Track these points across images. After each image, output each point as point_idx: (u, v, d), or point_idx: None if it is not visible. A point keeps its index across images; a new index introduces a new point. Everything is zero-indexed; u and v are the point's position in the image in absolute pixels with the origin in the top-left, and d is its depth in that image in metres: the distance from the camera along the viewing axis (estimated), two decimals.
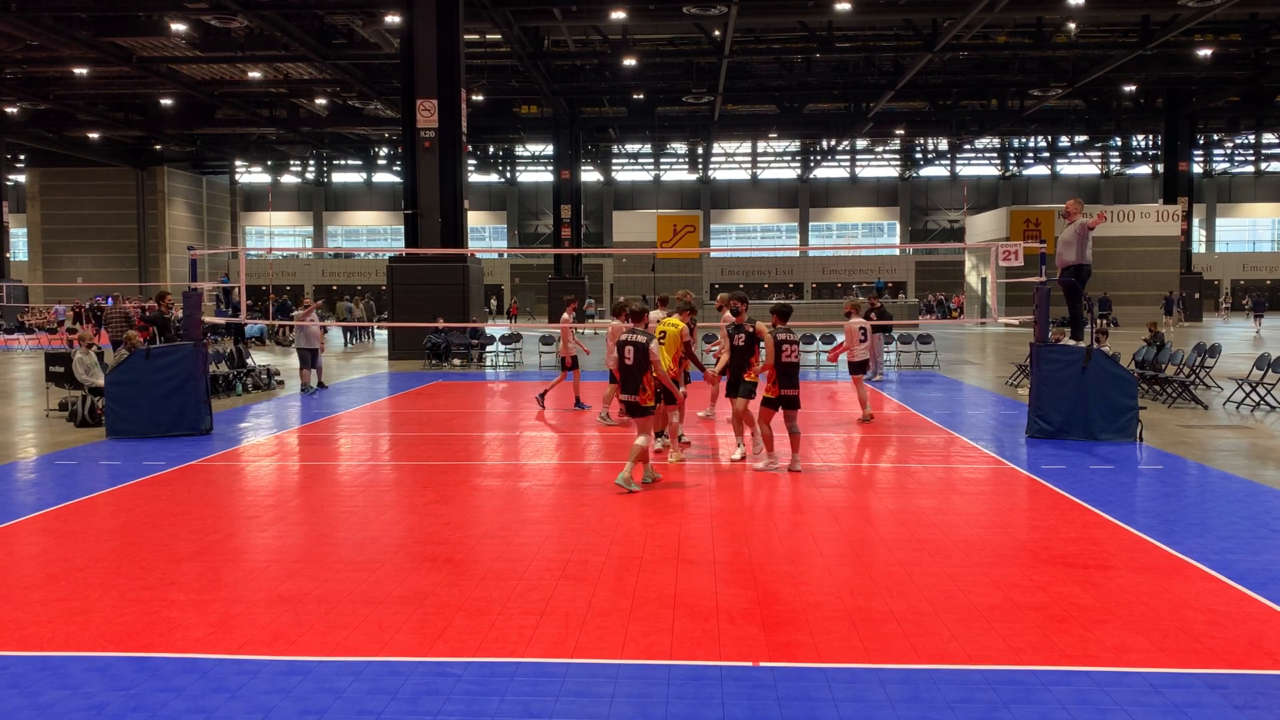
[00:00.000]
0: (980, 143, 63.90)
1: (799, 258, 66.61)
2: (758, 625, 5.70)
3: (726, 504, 8.94)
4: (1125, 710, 4.60)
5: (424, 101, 25.76)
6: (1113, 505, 8.69)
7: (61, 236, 59.87)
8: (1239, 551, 7.17)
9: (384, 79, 39.10)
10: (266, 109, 46.35)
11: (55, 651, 5.35)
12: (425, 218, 26.19)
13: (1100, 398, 12.16)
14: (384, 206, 74.10)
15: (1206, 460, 10.95)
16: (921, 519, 8.29)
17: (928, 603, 6.09)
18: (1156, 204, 50.66)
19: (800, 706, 4.65)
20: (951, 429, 13.50)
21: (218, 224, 67.13)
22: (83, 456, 11.50)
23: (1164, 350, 17.49)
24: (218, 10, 29.54)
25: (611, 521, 8.22)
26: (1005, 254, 13.31)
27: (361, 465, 11.08)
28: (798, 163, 71.26)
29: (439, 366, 24.22)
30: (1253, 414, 14.80)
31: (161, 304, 19.38)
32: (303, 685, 4.90)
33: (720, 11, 29.21)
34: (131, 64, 35.44)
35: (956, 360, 25.67)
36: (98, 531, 7.97)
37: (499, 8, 29.65)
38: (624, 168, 72.48)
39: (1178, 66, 39.24)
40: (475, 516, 8.51)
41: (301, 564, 7.01)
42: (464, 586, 6.45)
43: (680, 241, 44.96)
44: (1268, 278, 66.70)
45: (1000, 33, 36.52)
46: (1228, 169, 70.72)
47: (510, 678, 4.99)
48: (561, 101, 43.38)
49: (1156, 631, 5.59)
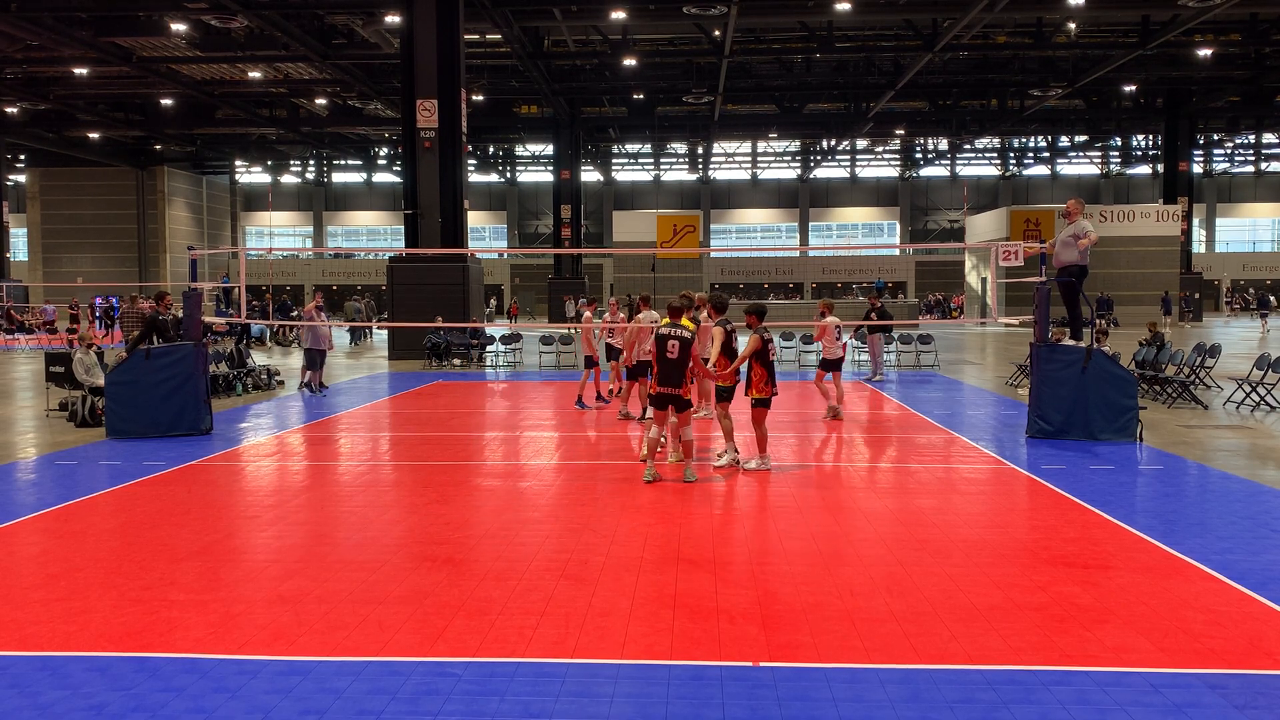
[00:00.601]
0: (980, 143, 63.90)
1: (799, 258, 66.63)
2: (758, 625, 5.70)
3: (726, 504, 8.94)
4: (1125, 710, 4.60)
5: (424, 101, 25.75)
6: (1113, 505, 8.69)
7: (61, 236, 59.87)
8: (1239, 551, 7.17)
9: (384, 79, 39.09)
10: (266, 109, 46.35)
11: (55, 651, 5.35)
12: (425, 218, 26.19)
13: (1100, 398, 12.16)
14: (384, 206, 74.10)
15: (1206, 460, 10.95)
16: (921, 519, 8.29)
17: (928, 603, 6.09)
18: (1156, 204, 50.65)
19: (800, 706, 4.65)
20: (951, 429, 13.50)
21: (218, 224, 67.13)
22: (83, 456, 11.50)
23: (1164, 350, 17.49)
24: (218, 10, 29.54)
25: (612, 521, 8.22)
26: (1005, 254, 13.31)
27: (362, 465, 11.07)
28: (798, 163, 71.26)
29: (440, 367, 24.22)
30: (1253, 414, 14.80)
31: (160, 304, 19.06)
32: (303, 685, 4.90)
33: (720, 11, 29.21)
34: (131, 64, 35.44)
35: (956, 360, 25.67)
36: (98, 531, 7.97)
37: (499, 8, 29.64)
38: (624, 168, 72.47)
39: (1178, 66, 39.24)
40: (475, 516, 8.51)
41: (301, 564, 7.01)
42: (464, 586, 6.45)
43: (680, 241, 44.96)
44: (1268, 278, 66.70)
45: (1000, 33, 36.51)
46: (1228, 169, 70.72)
47: (510, 678, 4.99)
48: (561, 101, 43.38)
49: (1156, 631, 5.59)
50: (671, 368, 9.84)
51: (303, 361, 18.76)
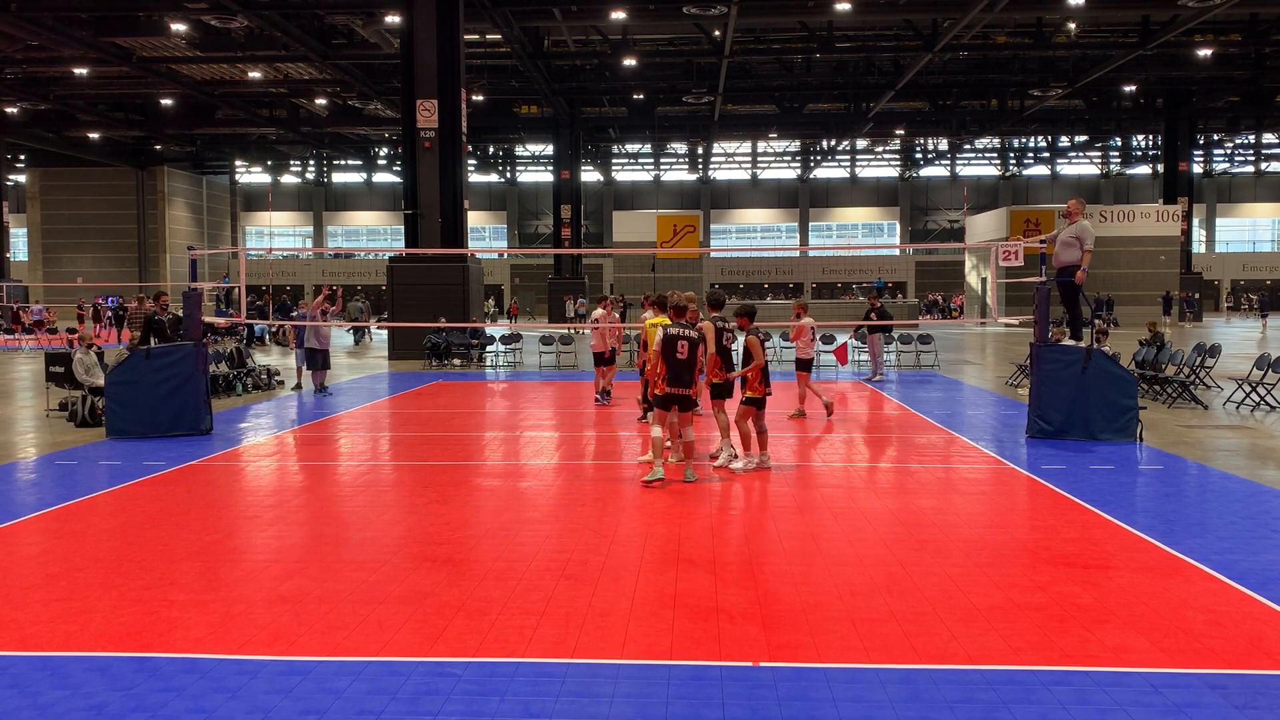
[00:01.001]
0: (980, 143, 63.91)
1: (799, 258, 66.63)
2: (758, 625, 5.70)
3: (726, 504, 8.94)
4: (1125, 710, 4.60)
5: (424, 101, 25.75)
6: (1113, 505, 8.69)
7: (61, 236, 59.87)
8: (1239, 551, 7.17)
9: (384, 79, 39.09)
10: (266, 109, 46.35)
11: (55, 651, 5.34)
12: (425, 218, 26.19)
13: (1100, 398, 12.16)
14: (384, 206, 74.10)
15: (1206, 460, 10.95)
16: (921, 519, 8.29)
17: (928, 603, 6.09)
18: (1156, 204, 50.67)
19: (800, 706, 4.65)
20: (951, 429, 13.50)
21: (218, 224, 67.14)
22: (83, 456, 11.50)
23: (1164, 350, 17.49)
24: (218, 10, 29.54)
25: (612, 522, 8.22)
26: (1005, 254, 13.31)
27: (362, 465, 11.07)
28: (798, 163, 71.25)
29: (440, 367, 24.22)
30: (1253, 414, 14.80)
31: (156, 304, 18.72)
32: (303, 685, 4.90)
33: (720, 11, 29.21)
34: (131, 64, 35.44)
35: (956, 360, 25.68)
36: (98, 531, 7.97)
37: (499, 8, 29.65)
38: (624, 168, 72.47)
39: (1178, 66, 39.25)
40: (475, 516, 8.51)
41: (301, 564, 7.01)
42: (464, 586, 6.45)
43: (680, 241, 44.97)
44: (1268, 278, 66.70)
45: (1000, 33, 36.52)
46: (1228, 169, 70.72)
47: (510, 678, 4.98)
48: (561, 101, 43.38)
49: (1156, 631, 5.59)
50: (681, 368, 9.85)
51: (300, 362, 18.40)
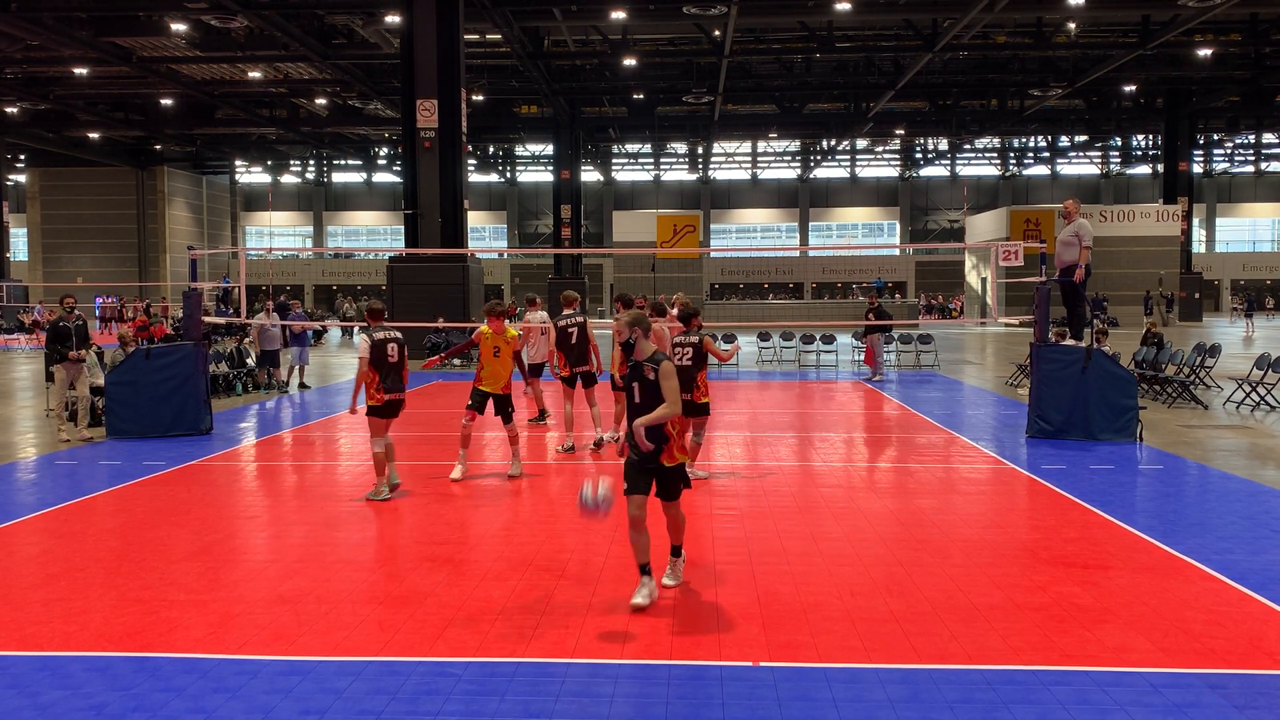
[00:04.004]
0: (980, 143, 63.86)
1: (799, 258, 66.60)
2: (758, 625, 5.70)
3: (726, 504, 8.94)
4: (1125, 710, 4.60)
5: (424, 101, 25.75)
6: (1113, 505, 8.69)
7: (61, 236, 59.83)
8: (1239, 551, 7.17)
9: (384, 79, 39.07)
10: (266, 109, 46.32)
11: (55, 651, 5.35)
12: (425, 218, 26.18)
13: (1100, 398, 12.16)
14: (384, 206, 74.05)
15: (1206, 460, 10.95)
16: (921, 519, 8.29)
17: (928, 603, 6.09)
18: (1156, 204, 50.63)
19: (800, 706, 4.65)
20: (951, 429, 13.50)
21: (218, 224, 67.11)
22: (83, 456, 11.50)
23: (1164, 350, 17.49)
24: (218, 10, 29.52)
25: (612, 522, 8.20)
26: (1005, 254, 13.31)
27: (361, 465, 11.06)
28: (798, 163, 71.22)
29: (440, 367, 24.19)
30: (1253, 414, 14.80)
31: (61, 306, 17.15)
32: (303, 685, 4.90)
33: (720, 11, 29.19)
34: (131, 64, 35.42)
35: (956, 360, 25.67)
36: (98, 531, 7.97)
37: (499, 8, 29.63)
38: (624, 168, 72.43)
39: (1178, 66, 39.22)
40: (475, 516, 8.52)
41: (301, 564, 7.01)
42: (464, 586, 6.45)
43: (680, 241, 44.97)
44: (1268, 278, 66.66)
45: (1000, 33, 36.50)
46: (1228, 169, 70.67)
47: (510, 678, 4.99)
48: (561, 101, 43.37)
49: (1156, 631, 5.59)
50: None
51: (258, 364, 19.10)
